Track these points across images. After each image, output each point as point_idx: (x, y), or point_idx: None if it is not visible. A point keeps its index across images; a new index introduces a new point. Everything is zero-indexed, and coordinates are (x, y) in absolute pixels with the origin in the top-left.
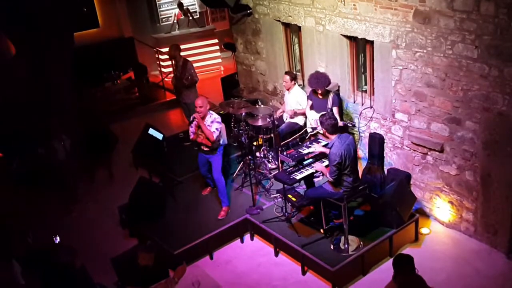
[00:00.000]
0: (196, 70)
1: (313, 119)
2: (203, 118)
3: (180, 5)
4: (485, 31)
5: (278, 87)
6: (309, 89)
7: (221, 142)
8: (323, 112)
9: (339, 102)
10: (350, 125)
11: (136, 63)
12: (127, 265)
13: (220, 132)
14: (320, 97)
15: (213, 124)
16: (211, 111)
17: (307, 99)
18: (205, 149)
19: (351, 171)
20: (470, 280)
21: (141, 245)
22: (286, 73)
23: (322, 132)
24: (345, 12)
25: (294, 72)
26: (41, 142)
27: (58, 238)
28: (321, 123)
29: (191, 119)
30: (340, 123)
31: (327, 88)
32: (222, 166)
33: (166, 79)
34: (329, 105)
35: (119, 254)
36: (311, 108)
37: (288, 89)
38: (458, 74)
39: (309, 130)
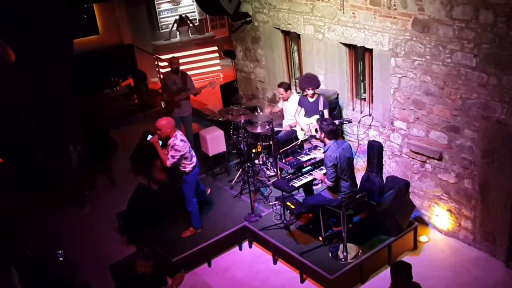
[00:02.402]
0: (195, 78)
1: (306, 123)
2: (166, 140)
3: (181, 19)
4: (484, 40)
5: (277, 95)
6: None
7: (186, 170)
8: (317, 116)
9: (329, 104)
10: (346, 122)
11: (136, 69)
12: (125, 272)
13: (177, 160)
14: (311, 99)
15: (171, 150)
16: (177, 135)
17: (298, 106)
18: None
19: (348, 176)
20: None
21: (139, 252)
22: (279, 85)
23: (317, 137)
24: (344, 20)
25: (288, 82)
26: (40, 148)
27: (62, 253)
28: (320, 128)
29: (148, 138)
30: (336, 122)
31: (316, 92)
32: (195, 190)
33: None
34: (320, 107)
35: (117, 261)
36: (304, 114)
37: (286, 99)
38: (457, 82)
39: (300, 136)
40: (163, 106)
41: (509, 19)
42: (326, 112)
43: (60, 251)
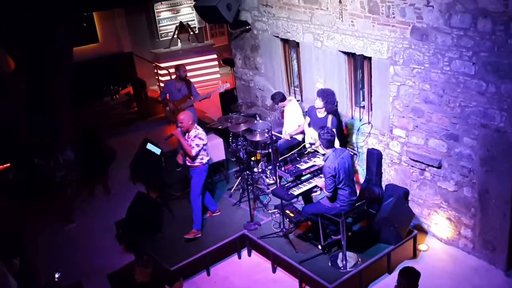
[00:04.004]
0: (195, 86)
1: (311, 137)
2: (186, 133)
3: (182, 26)
4: (482, 48)
5: None
6: (307, 104)
7: (204, 161)
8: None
9: (337, 124)
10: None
11: (135, 78)
12: (124, 281)
13: (201, 149)
14: (320, 115)
15: (195, 139)
16: (197, 126)
17: (306, 115)
18: (188, 163)
19: (347, 185)
20: None
21: (138, 260)
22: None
23: (319, 146)
24: (343, 28)
25: (281, 92)
26: (38, 154)
27: (59, 274)
28: (319, 135)
29: (170, 135)
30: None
31: (327, 111)
32: (203, 188)
33: None
34: (328, 125)
35: (116, 270)
36: (309, 125)
37: (283, 107)
38: (456, 90)
39: (307, 146)
40: (167, 114)
41: (507, 28)
42: (334, 132)
43: (57, 273)
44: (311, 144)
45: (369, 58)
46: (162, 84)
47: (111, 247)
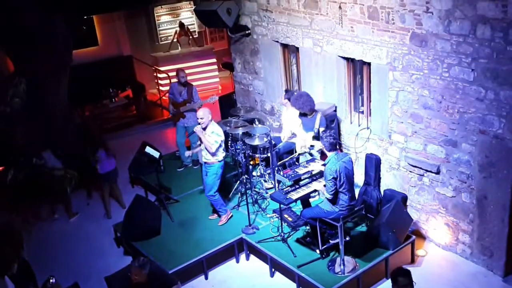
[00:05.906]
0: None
1: (302, 138)
2: (204, 129)
3: (182, 26)
4: (481, 55)
5: (275, 107)
6: None
7: (220, 158)
8: (311, 132)
9: (326, 123)
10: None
11: (134, 81)
12: (121, 284)
13: (219, 145)
14: (309, 117)
15: (212, 136)
16: (214, 123)
17: (299, 117)
18: (203, 160)
19: (347, 189)
20: None
21: (134, 261)
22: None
23: (316, 150)
24: (343, 34)
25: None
26: (35, 154)
27: (53, 280)
28: (321, 138)
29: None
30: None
31: (307, 112)
32: (219, 184)
33: (164, 97)
34: (317, 125)
35: (113, 273)
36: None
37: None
38: (455, 96)
39: (297, 148)
40: (170, 114)
41: (506, 34)
42: (321, 130)
43: (52, 278)
44: (311, 147)
45: (369, 64)
46: (161, 88)
47: (109, 249)
